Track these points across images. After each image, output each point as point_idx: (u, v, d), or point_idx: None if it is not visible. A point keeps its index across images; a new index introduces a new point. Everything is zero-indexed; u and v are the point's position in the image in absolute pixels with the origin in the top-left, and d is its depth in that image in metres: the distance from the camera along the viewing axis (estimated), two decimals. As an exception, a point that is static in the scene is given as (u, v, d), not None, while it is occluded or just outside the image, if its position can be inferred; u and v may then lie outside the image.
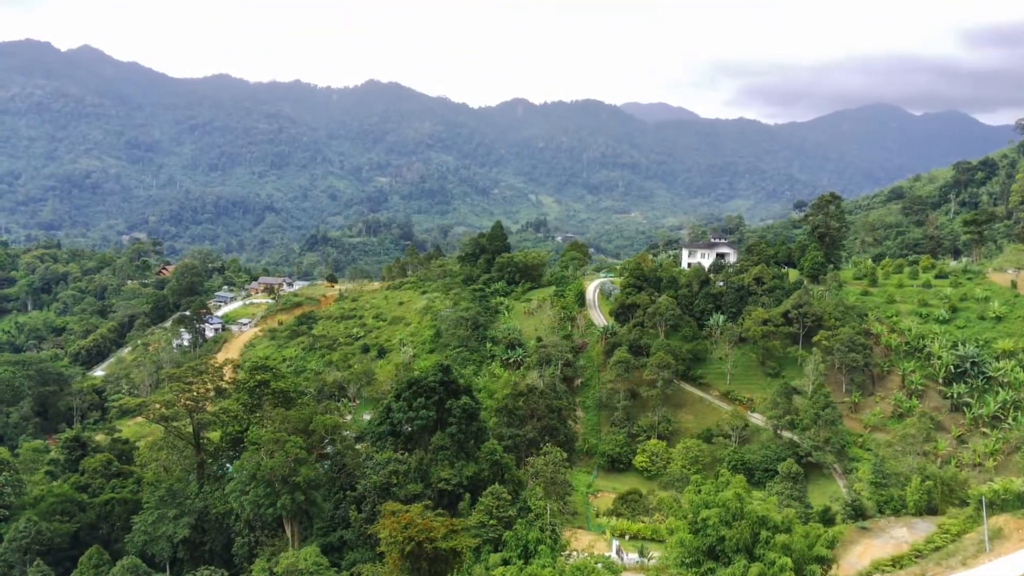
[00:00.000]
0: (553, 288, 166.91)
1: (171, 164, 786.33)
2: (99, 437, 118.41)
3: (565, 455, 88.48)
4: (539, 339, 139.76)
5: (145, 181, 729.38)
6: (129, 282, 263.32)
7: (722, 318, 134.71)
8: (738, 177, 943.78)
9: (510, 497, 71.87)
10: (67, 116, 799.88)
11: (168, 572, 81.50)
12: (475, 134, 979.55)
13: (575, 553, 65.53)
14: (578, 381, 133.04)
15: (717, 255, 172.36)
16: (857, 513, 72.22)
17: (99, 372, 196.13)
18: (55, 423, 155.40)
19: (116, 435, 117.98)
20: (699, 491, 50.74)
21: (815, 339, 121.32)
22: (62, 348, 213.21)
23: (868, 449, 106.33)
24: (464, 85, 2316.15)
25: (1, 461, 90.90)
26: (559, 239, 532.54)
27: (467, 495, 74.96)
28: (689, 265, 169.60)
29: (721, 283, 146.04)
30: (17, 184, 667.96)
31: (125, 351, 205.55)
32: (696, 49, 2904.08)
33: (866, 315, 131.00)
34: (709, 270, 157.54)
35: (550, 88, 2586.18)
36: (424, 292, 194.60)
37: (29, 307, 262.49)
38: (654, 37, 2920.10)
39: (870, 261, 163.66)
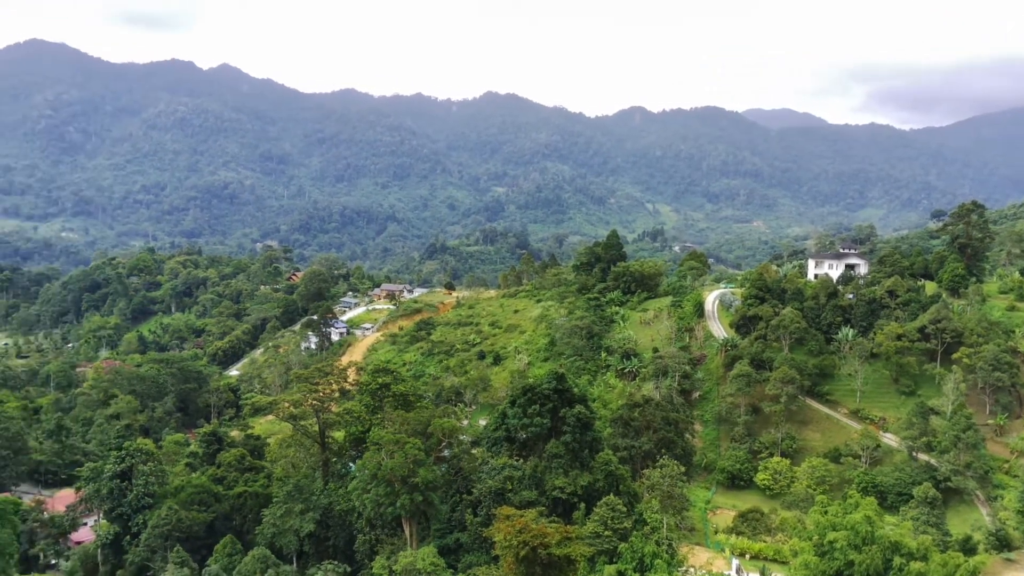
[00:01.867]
0: (670, 298, 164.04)
1: (301, 176, 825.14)
2: (234, 433, 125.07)
3: (682, 469, 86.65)
4: (655, 350, 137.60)
5: (277, 192, 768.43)
6: (262, 287, 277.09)
7: (852, 332, 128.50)
8: (869, 185, 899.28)
9: (625, 509, 71.07)
10: (207, 131, 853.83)
11: (295, 564, 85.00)
12: (591, 143, 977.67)
13: (692, 569, 64.07)
14: (696, 394, 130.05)
15: (846, 266, 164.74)
16: (1002, 544, 67.27)
17: (234, 372, 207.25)
18: (195, 419, 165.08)
19: (249, 431, 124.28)
20: (826, 512, 48.58)
21: (955, 356, 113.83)
22: (201, 348, 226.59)
23: (1015, 476, 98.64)
24: (581, 95, 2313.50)
25: (147, 453, 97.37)
26: (676, 249, 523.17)
27: (582, 504, 74.66)
28: (815, 276, 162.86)
29: (851, 295, 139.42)
30: (163, 195, 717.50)
31: (258, 352, 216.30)
32: (824, 53, 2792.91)
33: (1013, 332, 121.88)
34: (837, 282, 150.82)
35: (668, 96, 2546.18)
36: (539, 300, 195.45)
37: (173, 309, 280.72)
38: (778, 42, 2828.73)
39: (1017, 274, 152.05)
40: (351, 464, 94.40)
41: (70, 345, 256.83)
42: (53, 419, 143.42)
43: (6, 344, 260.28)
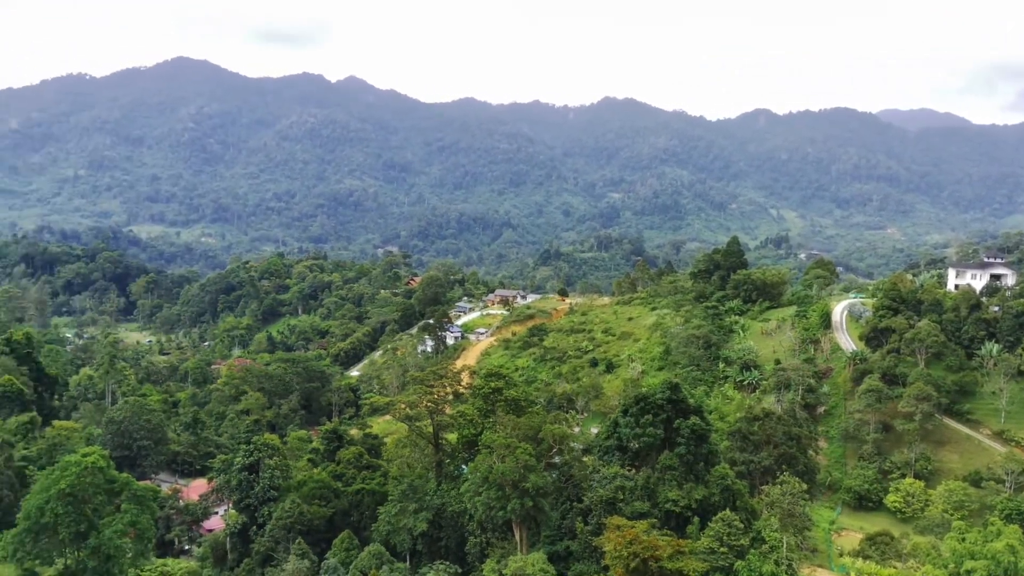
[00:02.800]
0: (794, 308, 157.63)
1: (421, 183, 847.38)
2: (353, 431, 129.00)
3: (805, 487, 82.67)
4: (777, 362, 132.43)
5: (398, 199, 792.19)
6: (382, 291, 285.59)
7: (997, 347, 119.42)
8: (1020, 189, 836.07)
9: (742, 526, 68.49)
10: (335, 141, 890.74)
11: (408, 562, 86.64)
12: (712, 147, 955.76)
13: (814, 592, 60.93)
14: (821, 409, 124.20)
15: (991, 276, 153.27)
16: None
17: (355, 372, 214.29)
18: (317, 416, 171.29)
19: (367, 430, 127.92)
20: (963, 539, 45.09)
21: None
22: (325, 349, 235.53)
23: None
24: (702, 98, 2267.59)
25: (273, 447, 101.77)
26: (802, 256, 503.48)
27: (696, 519, 72.52)
28: (956, 287, 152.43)
29: (996, 308, 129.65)
30: (292, 202, 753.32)
31: (377, 354, 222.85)
32: (965, 49, 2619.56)
33: None
34: (981, 293, 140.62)
35: (795, 97, 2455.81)
36: (654, 308, 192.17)
37: (299, 311, 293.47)
38: (914, 40, 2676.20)
39: None
40: (464, 466, 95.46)
41: (206, 343, 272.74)
42: (190, 413, 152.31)
43: (150, 341, 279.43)
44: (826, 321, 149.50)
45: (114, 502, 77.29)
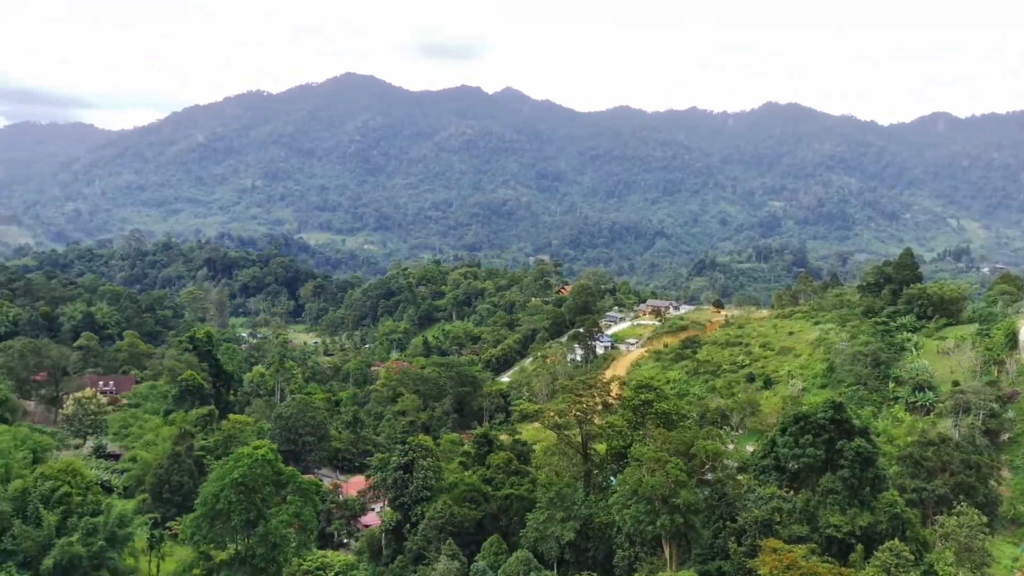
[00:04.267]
0: (975, 326, 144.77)
1: (573, 192, 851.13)
2: (503, 437, 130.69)
3: (985, 520, 75.63)
4: (955, 383, 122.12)
5: (550, 208, 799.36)
6: (533, 299, 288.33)
7: None
8: None
9: (912, 557, 63.54)
10: (490, 151, 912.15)
11: (555, 571, 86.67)
12: (883, 153, 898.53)
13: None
14: (1005, 436, 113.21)
15: None
16: None
17: (505, 378, 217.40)
18: (468, 420, 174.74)
19: (516, 436, 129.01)
20: None
21: None
22: (477, 355, 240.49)
23: None
24: (873, 102, 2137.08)
25: (427, 449, 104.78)
26: (985, 270, 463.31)
27: (860, 546, 68.07)
28: None
29: None
30: (449, 211, 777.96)
31: (527, 361, 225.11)
32: None
33: None
34: None
35: (980, 100, 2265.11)
36: (817, 323, 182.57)
37: (454, 317, 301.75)
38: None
39: None
40: (612, 478, 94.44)
41: (367, 346, 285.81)
42: (350, 412, 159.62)
43: (316, 342, 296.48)
44: (1012, 341, 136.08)
45: (280, 493, 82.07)
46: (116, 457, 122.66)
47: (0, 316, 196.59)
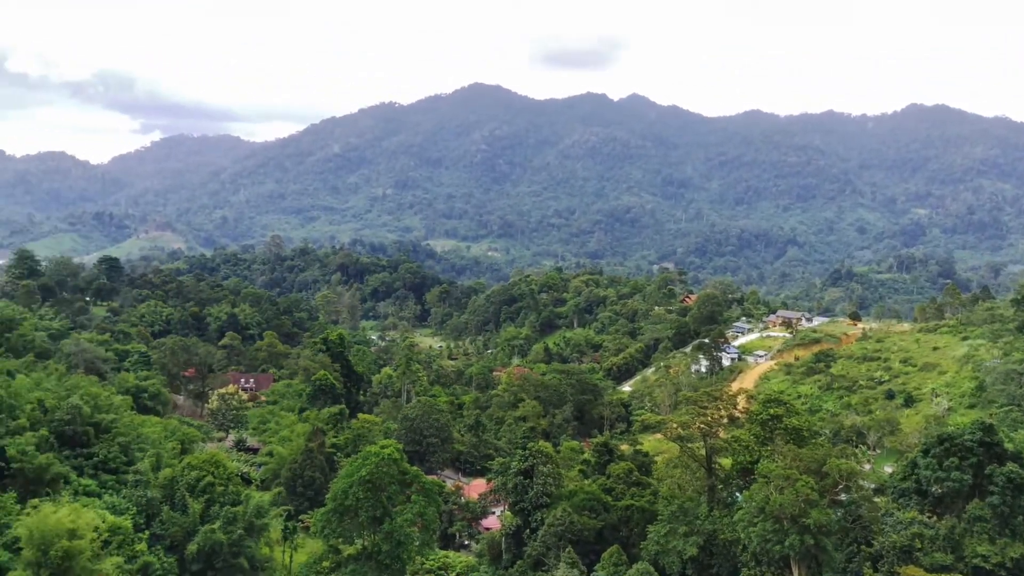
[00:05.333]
0: None
1: (699, 199, 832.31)
2: (623, 447, 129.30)
3: None
4: None
5: (675, 215, 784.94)
6: (656, 308, 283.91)
7: None
8: None
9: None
10: (614, 158, 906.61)
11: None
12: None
13: None
14: None
15: None
16: None
17: (626, 387, 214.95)
18: (589, 428, 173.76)
19: (637, 447, 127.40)
20: None
21: None
22: (598, 363, 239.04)
23: None
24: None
25: (546, 455, 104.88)
26: None
27: (1013, 582, 62.88)
28: None
29: None
30: (572, 218, 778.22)
31: (649, 371, 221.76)
32: None
33: None
34: None
35: None
36: (965, 338, 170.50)
37: (575, 324, 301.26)
38: None
39: None
40: (738, 494, 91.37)
41: (489, 351, 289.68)
42: (473, 415, 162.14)
43: (440, 346, 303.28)
44: None
45: (405, 492, 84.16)
46: (255, 451, 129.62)
47: (155, 316, 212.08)
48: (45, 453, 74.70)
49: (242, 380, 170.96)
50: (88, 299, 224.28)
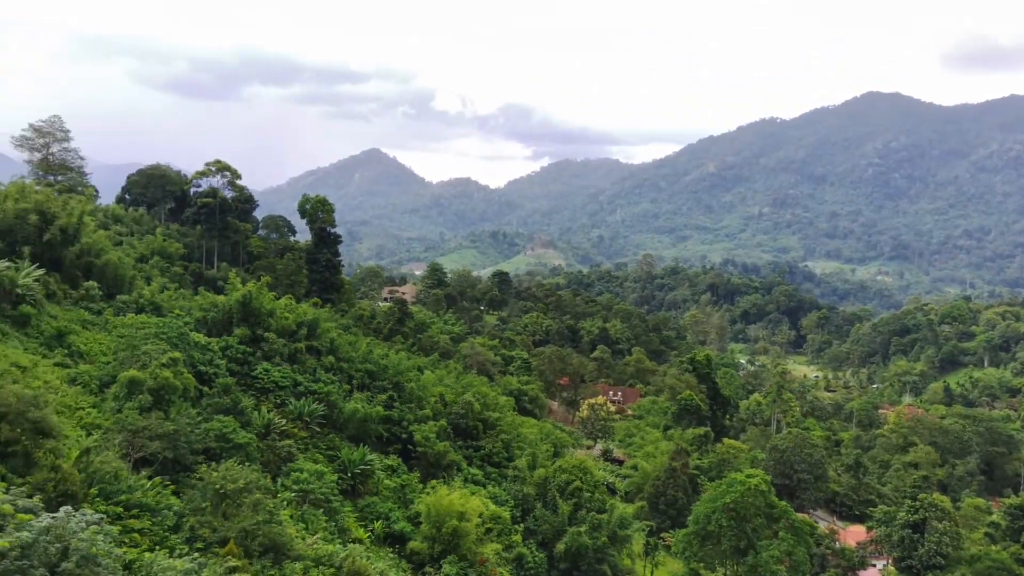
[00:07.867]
0: None
1: None
2: None
3: None
4: None
5: None
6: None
7: None
8: None
9: None
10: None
11: None
12: None
13: None
14: None
15: None
16: None
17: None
18: (1000, 485, 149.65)
19: None
20: None
21: None
22: (1015, 410, 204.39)
23: None
24: None
25: (942, 510, 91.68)
26: None
27: None
28: None
29: None
30: (985, 240, 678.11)
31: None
32: None
33: None
34: None
35: None
36: None
37: (985, 363, 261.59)
38: None
39: None
40: None
41: (875, 386, 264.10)
42: (852, 455, 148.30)
43: (816, 376, 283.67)
44: None
45: (772, 527, 79.35)
46: (619, 462, 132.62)
47: (536, 326, 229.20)
48: (443, 441, 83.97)
49: (610, 392, 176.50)
50: (483, 308, 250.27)
